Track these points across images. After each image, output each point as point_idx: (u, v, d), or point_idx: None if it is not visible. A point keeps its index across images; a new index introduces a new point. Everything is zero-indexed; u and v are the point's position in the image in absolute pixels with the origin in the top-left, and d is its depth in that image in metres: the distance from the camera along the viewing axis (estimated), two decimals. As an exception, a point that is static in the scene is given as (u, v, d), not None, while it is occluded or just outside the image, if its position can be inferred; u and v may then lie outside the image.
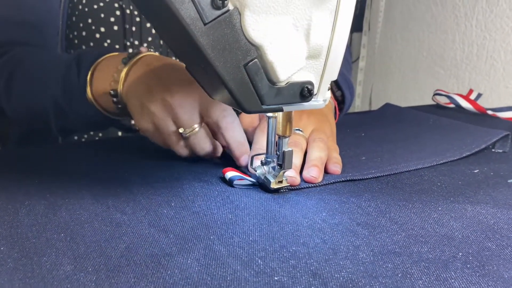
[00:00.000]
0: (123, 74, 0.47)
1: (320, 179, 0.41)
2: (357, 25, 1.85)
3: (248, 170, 0.43)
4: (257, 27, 0.29)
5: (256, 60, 0.30)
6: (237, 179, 0.40)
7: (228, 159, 0.46)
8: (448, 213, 0.34)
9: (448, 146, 0.51)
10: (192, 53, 0.30)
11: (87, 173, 0.43)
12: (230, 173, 0.40)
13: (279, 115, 0.37)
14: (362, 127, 0.64)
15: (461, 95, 0.75)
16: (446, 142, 0.53)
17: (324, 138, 0.47)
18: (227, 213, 0.34)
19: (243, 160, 0.45)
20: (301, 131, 0.47)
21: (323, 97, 0.34)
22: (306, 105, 0.34)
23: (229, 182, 0.40)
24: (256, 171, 0.41)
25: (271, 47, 0.30)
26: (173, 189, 0.40)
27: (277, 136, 0.38)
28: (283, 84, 0.31)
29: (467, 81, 1.42)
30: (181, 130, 0.43)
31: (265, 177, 0.39)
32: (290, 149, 0.37)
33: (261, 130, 0.46)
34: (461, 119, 0.66)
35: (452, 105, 0.78)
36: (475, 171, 0.44)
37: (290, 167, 0.38)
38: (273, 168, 0.39)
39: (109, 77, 0.48)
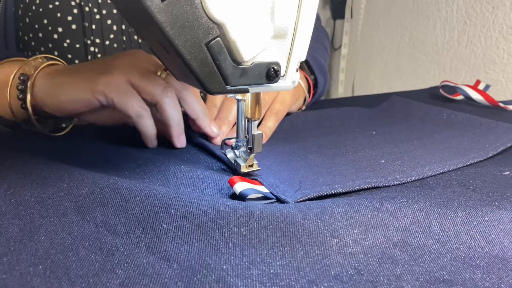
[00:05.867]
0: (40, 60, 0.47)
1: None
2: (339, 12, 1.85)
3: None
4: (218, 3, 0.27)
5: (218, 38, 0.28)
6: (250, 194, 0.33)
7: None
8: (497, 226, 0.30)
9: (471, 144, 0.47)
10: (153, 32, 0.29)
11: (67, 174, 0.35)
12: (240, 185, 0.34)
13: (248, 98, 0.36)
14: (371, 124, 0.59)
15: (470, 86, 0.71)
16: (467, 140, 0.49)
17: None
18: (240, 226, 0.28)
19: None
20: None
21: (291, 79, 0.33)
22: (274, 86, 0.32)
23: (240, 197, 0.33)
24: (226, 155, 0.40)
25: (234, 25, 0.28)
26: (172, 187, 0.34)
27: (246, 120, 0.37)
28: (248, 64, 0.30)
29: (448, 66, 1.42)
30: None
31: (235, 161, 0.39)
32: (259, 132, 0.37)
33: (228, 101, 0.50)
34: (472, 112, 0.61)
35: (454, 97, 0.74)
36: (506, 173, 0.40)
37: (260, 151, 0.37)
38: (244, 152, 0.39)
39: (13, 69, 0.46)
